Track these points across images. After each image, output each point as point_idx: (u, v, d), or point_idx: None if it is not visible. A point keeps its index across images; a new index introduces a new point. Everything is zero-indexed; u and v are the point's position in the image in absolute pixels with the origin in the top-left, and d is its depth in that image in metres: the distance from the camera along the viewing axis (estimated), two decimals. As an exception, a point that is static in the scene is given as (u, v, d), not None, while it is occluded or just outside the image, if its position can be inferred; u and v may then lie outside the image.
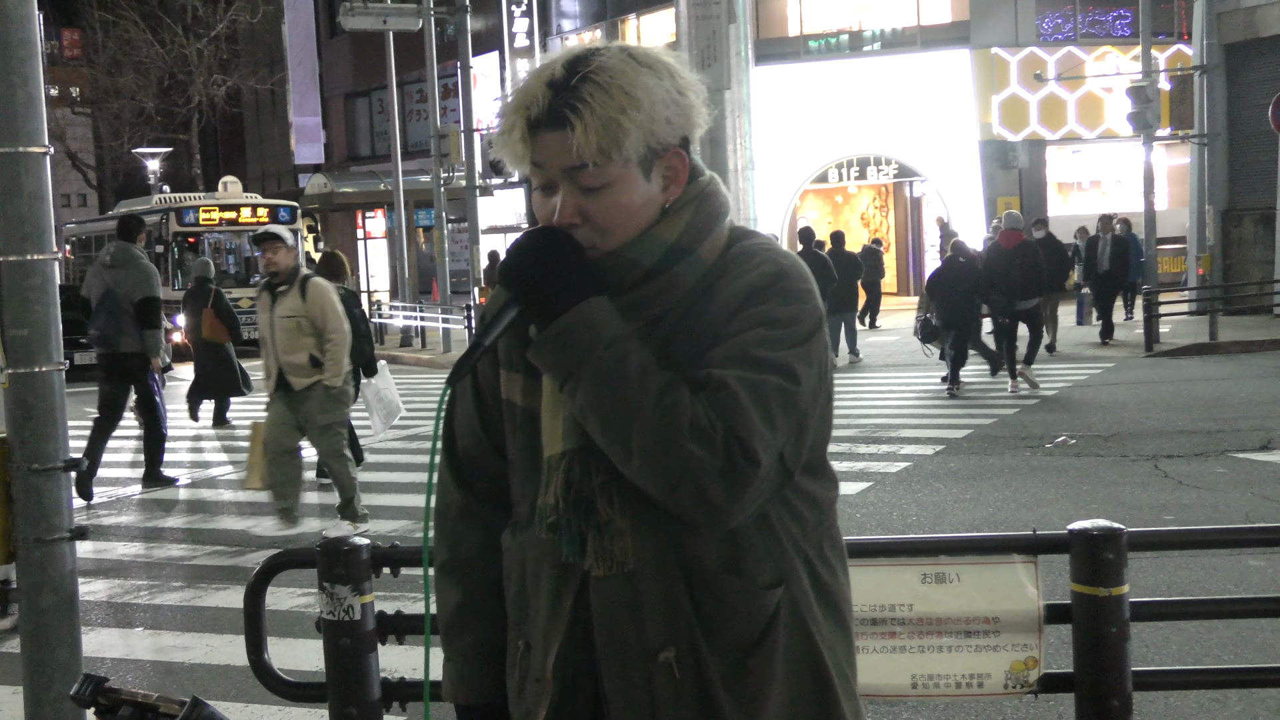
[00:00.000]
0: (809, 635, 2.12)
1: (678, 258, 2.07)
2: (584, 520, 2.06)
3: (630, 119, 1.98)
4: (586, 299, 1.99)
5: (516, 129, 2.04)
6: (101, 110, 49.57)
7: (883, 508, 9.55)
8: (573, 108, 1.98)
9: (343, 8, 26.61)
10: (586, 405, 1.97)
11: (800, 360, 2.01)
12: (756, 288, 2.05)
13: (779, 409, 1.96)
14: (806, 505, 2.15)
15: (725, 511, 1.95)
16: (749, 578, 2.07)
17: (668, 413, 1.92)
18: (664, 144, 2.04)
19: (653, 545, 2.05)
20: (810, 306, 2.06)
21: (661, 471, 1.93)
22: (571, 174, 2.02)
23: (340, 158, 46.21)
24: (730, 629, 2.06)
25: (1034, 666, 3.54)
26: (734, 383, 1.94)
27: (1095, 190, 33.00)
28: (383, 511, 10.12)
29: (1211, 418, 13.11)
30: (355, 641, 3.63)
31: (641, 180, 2.05)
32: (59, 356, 3.67)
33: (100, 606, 7.67)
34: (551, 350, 1.99)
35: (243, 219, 28.52)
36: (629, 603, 2.06)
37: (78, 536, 3.70)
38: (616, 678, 2.09)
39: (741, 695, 2.06)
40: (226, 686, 6.16)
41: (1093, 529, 3.47)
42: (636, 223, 2.06)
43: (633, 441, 1.93)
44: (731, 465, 1.91)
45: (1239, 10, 26.11)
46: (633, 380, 1.94)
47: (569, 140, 1.98)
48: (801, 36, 31.75)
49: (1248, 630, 6.21)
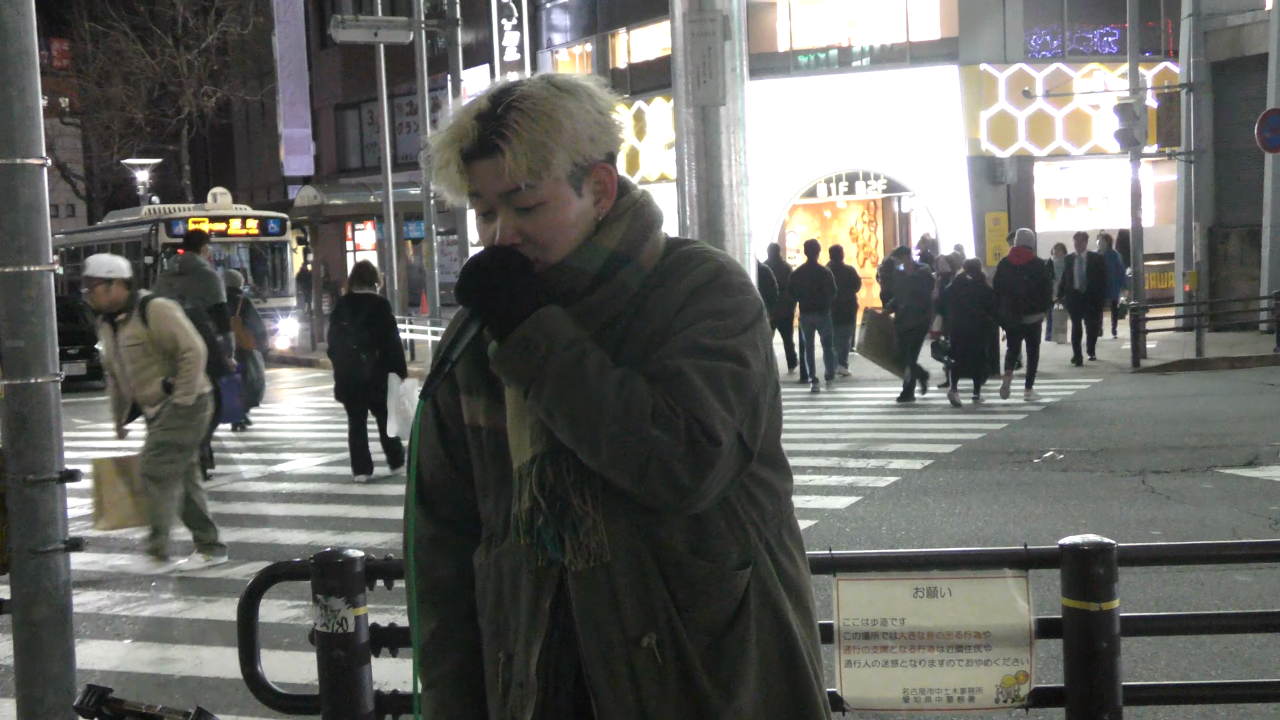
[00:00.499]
0: (779, 615, 2.22)
1: (620, 264, 2.19)
2: (560, 519, 2.14)
3: (555, 140, 2.10)
4: (540, 308, 2.10)
5: (452, 163, 2.17)
6: (91, 121, 49.47)
7: (871, 522, 9.56)
8: (501, 135, 2.10)
9: (334, 20, 26.61)
10: (552, 406, 2.06)
11: (746, 346, 2.13)
12: (698, 285, 2.17)
13: (732, 390, 2.07)
14: (764, 494, 2.25)
15: (693, 492, 2.05)
16: (718, 560, 2.17)
17: (629, 402, 2.02)
18: (590, 160, 2.17)
19: (625, 535, 2.14)
20: (750, 298, 2.19)
21: (630, 459, 2.02)
22: (507, 197, 2.14)
23: (330, 170, 46.19)
24: (704, 611, 2.15)
25: (1025, 681, 3.55)
26: (688, 369, 2.06)
27: (1083, 206, 33.11)
28: (375, 524, 10.12)
29: (1198, 433, 13.16)
30: (349, 654, 3.64)
31: (573, 196, 2.17)
32: (55, 368, 3.67)
33: (89, 618, 7.65)
34: (513, 358, 2.09)
35: (232, 230, 28.49)
36: (608, 593, 2.15)
37: (72, 548, 3.70)
38: (600, 668, 2.16)
39: (719, 675, 2.15)
40: (217, 699, 6.16)
41: (1084, 544, 3.49)
42: (573, 236, 2.17)
43: (600, 434, 2.02)
44: (695, 446, 2.01)
45: (1225, 29, 26.25)
46: (593, 377, 2.04)
47: (501, 165, 2.11)
48: (791, 52, 31.84)
49: (1235, 645, 6.24)
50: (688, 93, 3.91)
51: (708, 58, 3.93)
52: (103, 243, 31.93)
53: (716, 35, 3.87)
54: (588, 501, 2.13)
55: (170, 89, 43.95)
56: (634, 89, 33.75)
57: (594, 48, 35.80)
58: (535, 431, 2.15)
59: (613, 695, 2.15)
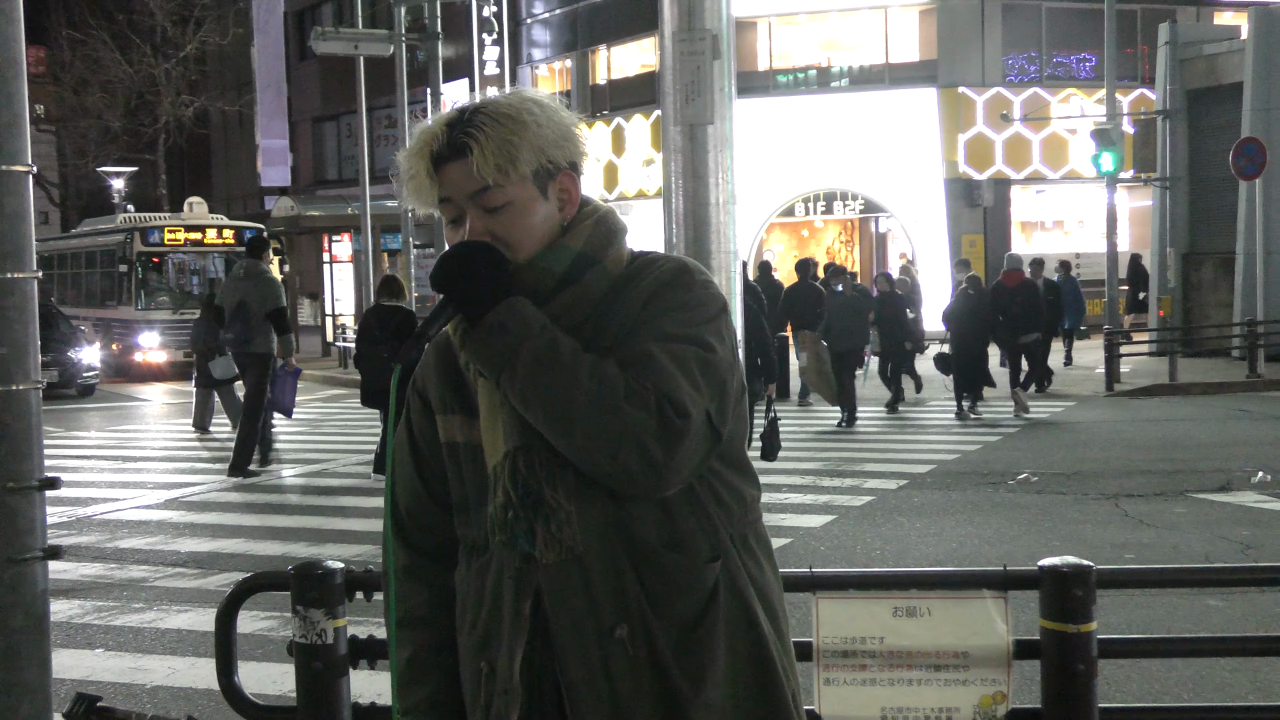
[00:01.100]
0: (747, 611, 2.25)
1: (586, 266, 2.25)
2: (533, 511, 2.18)
3: (521, 138, 2.20)
4: (512, 296, 2.16)
5: (421, 169, 2.24)
6: (67, 128, 49.27)
7: (846, 541, 9.58)
8: (469, 134, 2.20)
9: (314, 32, 26.58)
10: (526, 389, 2.10)
11: (711, 334, 2.19)
12: (663, 282, 2.24)
13: (699, 372, 2.13)
14: (731, 496, 2.28)
15: (666, 469, 2.09)
16: (690, 554, 2.21)
17: (602, 383, 2.07)
18: (555, 163, 2.25)
19: (597, 528, 2.18)
20: (713, 293, 2.26)
21: (604, 438, 2.06)
22: (476, 197, 2.21)
23: (307, 181, 46.09)
24: (675, 603, 2.19)
25: (1002, 701, 3.57)
26: (655, 351, 2.12)
27: (1058, 230, 33.31)
28: (351, 536, 10.09)
29: (1171, 458, 13.23)
30: (327, 666, 3.63)
31: (539, 199, 2.24)
32: (37, 375, 3.66)
33: (60, 627, 7.59)
34: (487, 342, 2.14)
35: (208, 240, 28.39)
36: (581, 585, 2.18)
37: (50, 556, 3.68)
38: (575, 660, 2.18)
39: (689, 668, 2.18)
40: (190, 709, 6.12)
41: (1063, 566, 3.51)
42: (538, 237, 2.24)
43: (573, 414, 2.07)
44: (666, 422, 2.07)
45: (1201, 57, 26.46)
46: (566, 360, 2.10)
47: (469, 166, 2.19)
48: (771, 71, 31.97)
49: (1207, 669, 6.27)
50: (676, 111, 3.92)
51: (696, 76, 3.96)
52: (77, 250, 31.80)
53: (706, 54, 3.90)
54: (560, 493, 2.17)
55: (148, 98, 43.83)
56: (613, 105, 33.83)
57: (574, 64, 35.87)
58: (508, 428, 2.19)
59: (587, 687, 2.17)
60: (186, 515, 11.39)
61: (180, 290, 28.30)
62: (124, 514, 11.53)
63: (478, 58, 36.82)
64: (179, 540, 10.27)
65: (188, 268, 28.61)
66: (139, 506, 11.90)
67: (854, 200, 31.90)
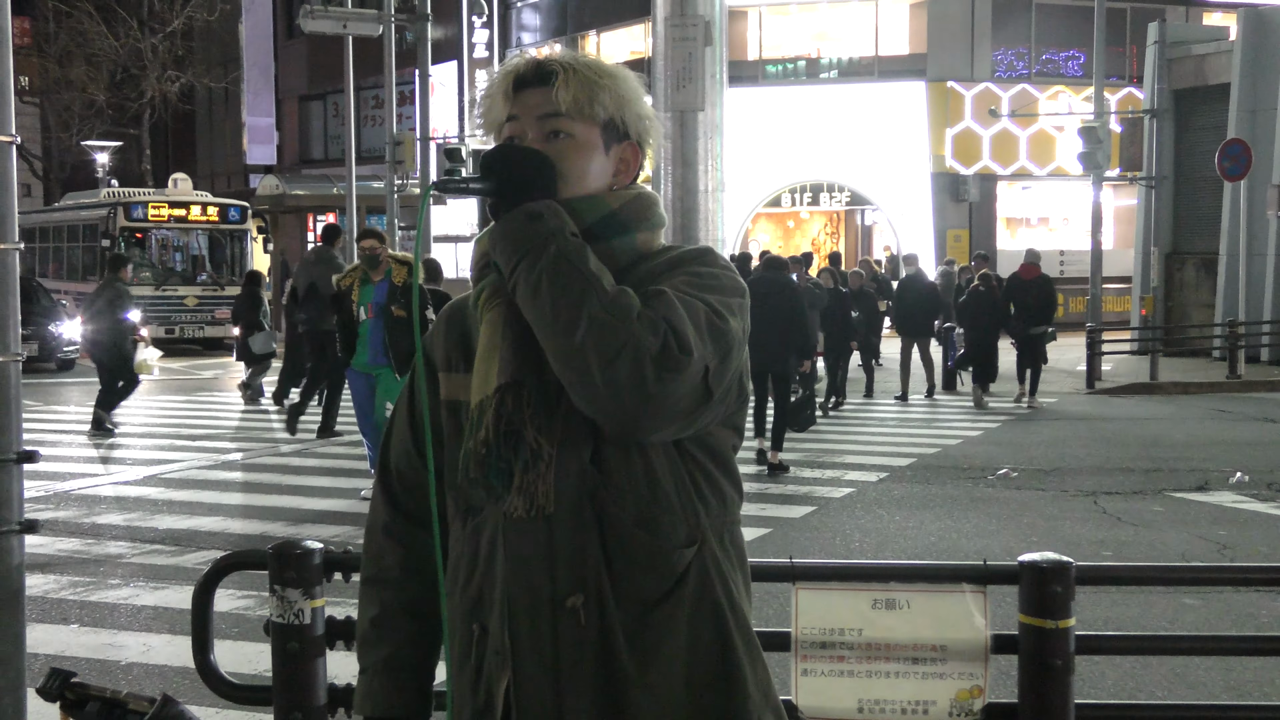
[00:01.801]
0: (715, 602, 2.22)
1: (615, 230, 2.24)
2: (513, 451, 2.15)
3: (604, 87, 2.24)
4: (553, 202, 2.17)
5: (499, 88, 2.29)
6: (51, 100, 48.97)
7: (826, 532, 9.59)
8: (559, 66, 2.25)
9: (302, 10, 26.41)
10: (544, 279, 2.06)
11: (724, 306, 2.17)
12: (684, 257, 2.27)
13: (706, 328, 2.11)
14: (712, 491, 2.26)
15: (653, 396, 2.03)
16: (660, 536, 2.18)
17: (619, 296, 2.06)
18: (626, 125, 2.28)
19: (572, 493, 2.15)
20: (735, 278, 2.25)
21: (606, 342, 2.01)
22: (543, 120, 2.24)
23: (292, 160, 45.91)
24: (637, 583, 2.16)
25: (979, 696, 3.57)
26: (669, 292, 2.11)
27: (1043, 227, 33.38)
28: (333, 516, 10.07)
29: (1150, 457, 13.28)
30: (304, 646, 3.61)
31: (600, 149, 2.27)
32: (17, 348, 3.63)
33: (35, 602, 7.55)
34: (519, 226, 2.12)
35: (192, 216, 28.28)
36: (545, 547, 2.16)
37: (27, 530, 3.66)
38: (523, 622, 2.16)
39: (641, 647, 2.15)
40: (164, 685, 6.10)
41: (1042, 561, 3.51)
42: (585, 181, 2.25)
43: (583, 311, 2.03)
44: (667, 350, 2.03)
45: (1189, 57, 26.52)
46: (591, 266, 2.08)
47: (548, 92, 2.23)
48: (760, 61, 31.95)
49: (1182, 667, 6.29)
50: (666, 97, 3.91)
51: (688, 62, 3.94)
52: (60, 224, 31.64)
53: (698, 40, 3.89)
54: (543, 436, 2.14)
55: (133, 72, 43.59)
56: (602, 92, 33.69)
57: (563, 49, 35.75)
58: (504, 363, 2.16)
59: (532, 651, 2.16)
60: (165, 492, 11.34)
61: (163, 266, 28.17)
62: (102, 489, 11.49)
63: (466, 40, 36.75)
64: (157, 517, 10.23)
65: (171, 244, 28.50)
66: (117, 482, 11.85)
67: (840, 192, 31.92)
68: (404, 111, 33.56)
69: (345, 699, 3.74)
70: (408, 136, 26.28)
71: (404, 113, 33.49)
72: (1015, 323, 18.12)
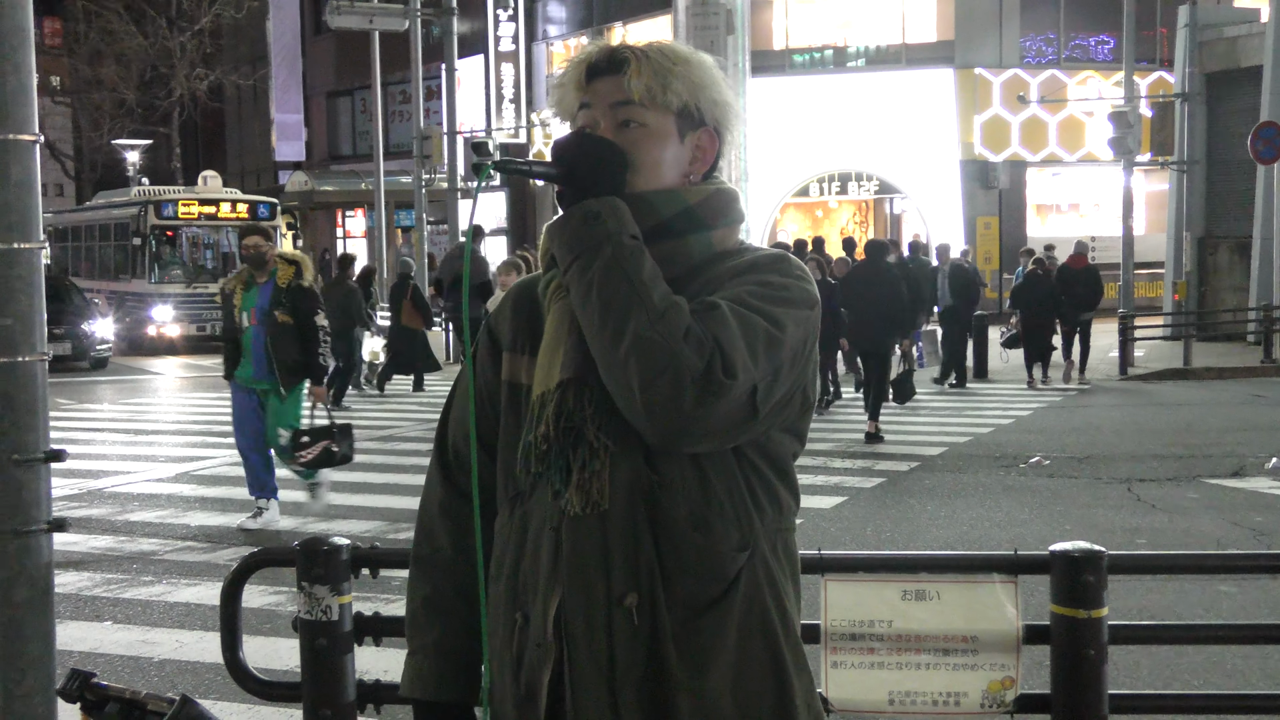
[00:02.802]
0: (764, 609, 2.19)
1: (691, 226, 2.22)
2: (573, 447, 2.13)
3: (677, 75, 2.22)
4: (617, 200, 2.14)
5: (572, 76, 2.26)
6: (81, 100, 49.27)
7: (856, 523, 9.55)
8: (633, 54, 2.23)
9: (329, 6, 26.53)
10: (596, 283, 2.05)
11: (788, 317, 2.13)
12: (758, 263, 2.21)
13: (761, 346, 2.07)
14: (768, 498, 2.23)
15: (689, 419, 2.02)
16: (714, 539, 2.15)
17: (669, 310, 2.03)
18: (701, 112, 2.25)
19: (626, 488, 2.13)
20: (807, 288, 2.20)
21: (650, 359, 2.00)
22: (616, 108, 2.21)
23: (321, 156, 46.08)
24: (687, 585, 2.13)
25: (1011, 687, 3.53)
26: (725, 307, 2.07)
27: (1074, 213, 33.19)
28: (359, 512, 10.09)
29: (1184, 443, 13.18)
30: (332, 642, 3.60)
31: (674, 137, 2.24)
32: (43, 347, 3.63)
33: (69, 600, 7.61)
34: (576, 225, 2.10)
35: (222, 214, 28.38)
36: (600, 544, 2.13)
37: (56, 528, 3.66)
38: (580, 620, 2.14)
39: (689, 651, 2.13)
40: (195, 683, 6.12)
41: (1074, 550, 3.47)
42: (659, 172, 2.22)
43: (630, 323, 2.02)
44: (710, 374, 2.01)
45: (1220, 40, 26.30)
46: (645, 274, 2.06)
47: (622, 81, 2.20)
48: (787, 50, 31.85)
49: (1219, 655, 6.23)
50: (688, 87, 3.89)
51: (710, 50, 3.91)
52: (91, 223, 31.83)
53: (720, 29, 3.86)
54: (603, 434, 2.12)
55: (162, 71, 43.81)
56: (629, 83, 33.61)
57: (589, 41, 35.68)
58: (568, 358, 2.15)
59: (587, 650, 2.13)
60: (197, 489, 11.40)
61: (194, 264, 28.30)
62: (134, 487, 11.55)
63: (493, 33, 36.77)
64: (189, 514, 10.28)
65: (201, 241, 28.61)
66: (150, 480, 11.91)
67: (869, 181, 31.80)
68: (431, 106, 33.62)
69: (374, 695, 3.73)
70: (435, 131, 26.35)
71: (431, 107, 33.56)
72: (1065, 308, 18.99)
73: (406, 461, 12.61)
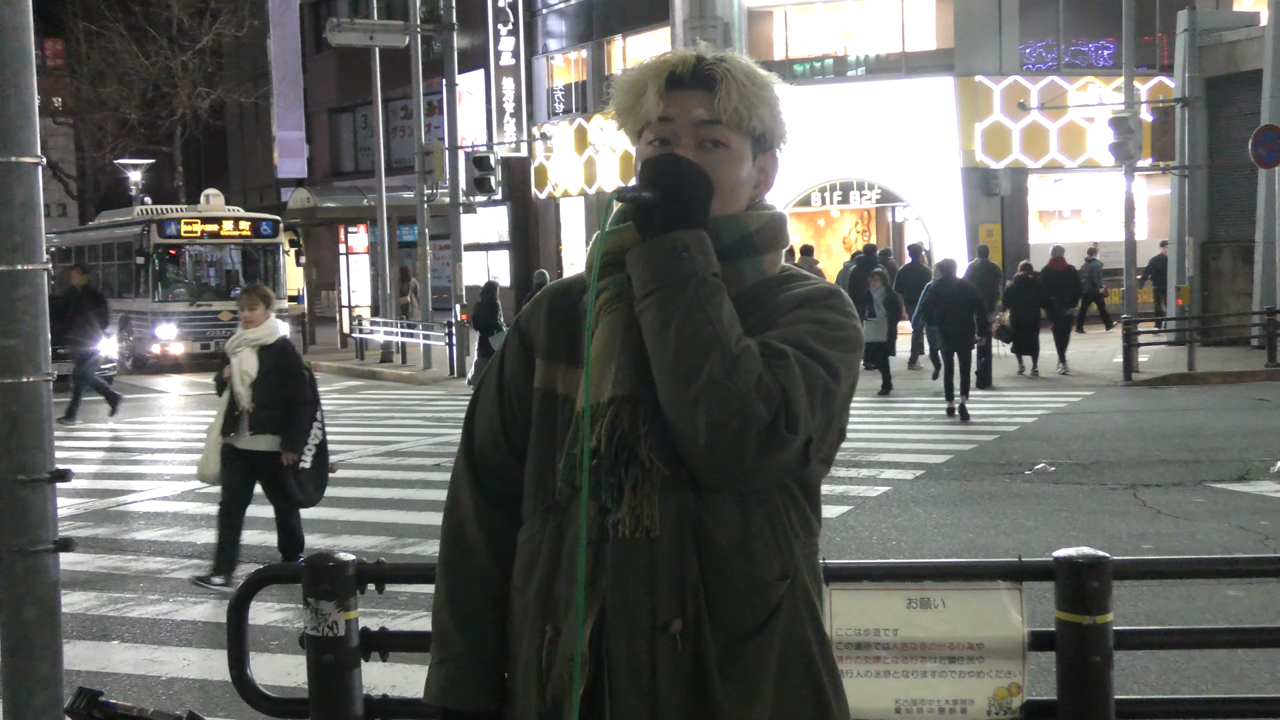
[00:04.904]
0: (804, 637, 2.19)
1: (747, 253, 2.23)
2: (625, 467, 2.12)
3: (762, 100, 2.23)
4: (704, 231, 2.13)
5: (653, 85, 2.21)
6: (84, 120, 49.41)
7: (862, 531, 9.56)
8: (722, 72, 2.21)
9: (330, 23, 26.59)
10: (674, 320, 2.05)
11: (843, 364, 2.15)
12: (812, 297, 2.22)
13: (819, 398, 2.09)
14: (801, 524, 2.23)
15: (749, 467, 2.04)
16: (758, 565, 2.14)
17: (743, 357, 2.03)
18: (772, 138, 2.29)
19: (673, 515, 2.12)
20: (857, 327, 2.23)
21: (719, 405, 2.00)
22: (699, 127, 2.20)
23: (323, 172, 46.14)
24: (733, 612, 2.12)
25: (1017, 694, 3.54)
26: (791, 355, 2.07)
27: (1076, 219, 33.15)
28: (364, 528, 10.09)
29: (1189, 448, 13.17)
30: (339, 658, 3.62)
31: (749, 160, 2.26)
32: (47, 367, 3.65)
33: (76, 619, 7.62)
34: (662, 257, 2.09)
35: (225, 232, 28.42)
36: (646, 569, 2.11)
37: (62, 548, 3.67)
38: (623, 645, 2.11)
39: (734, 680, 2.11)
40: (204, 701, 6.13)
41: (1078, 557, 3.48)
42: (733, 194, 2.23)
43: (705, 367, 2.01)
44: (775, 427, 2.02)
45: (1220, 44, 26.30)
46: (724, 316, 2.06)
47: (708, 99, 2.19)
48: (787, 60, 31.86)
49: (1225, 660, 6.23)
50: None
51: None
52: (94, 243, 31.89)
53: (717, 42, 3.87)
54: (656, 454, 2.10)
55: (164, 90, 43.92)
56: (629, 96, 33.62)
57: (590, 54, 35.81)
58: (620, 374, 2.13)
59: (629, 676, 2.11)
60: (203, 507, 11.39)
61: (198, 282, 28.33)
62: (140, 506, 11.56)
63: (493, 48, 36.83)
64: (195, 532, 10.29)
65: (205, 260, 28.65)
66: (155, 498, 11.93)
67: (871, 190, 31.80)
68: (432, 121, 33.66)
69: (381, 710, 3.74)
70: (437, 146, 26.38)
71: (432, 123, 33.60)
72: (1053, 306, 20.98)
73: (412, 476, 12.61)
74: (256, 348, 8.45)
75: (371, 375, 25.69)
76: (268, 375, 8.38)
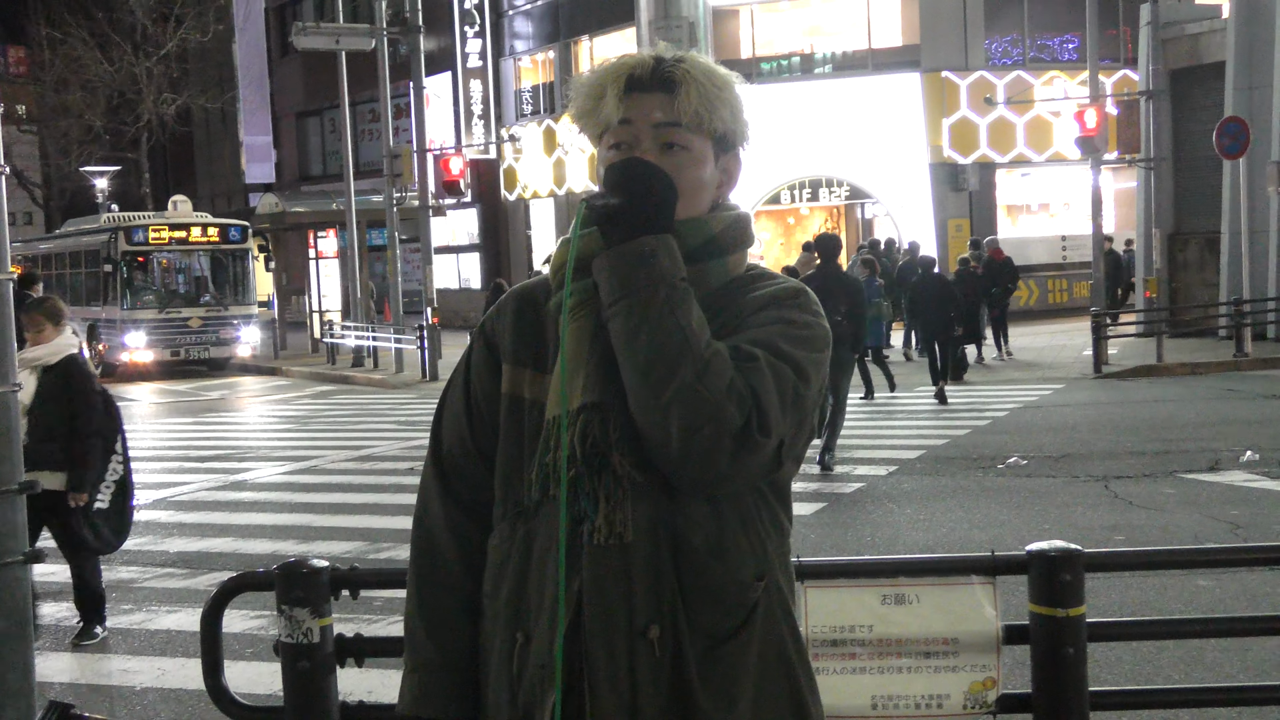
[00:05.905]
0: (781, 637, 2.20)
1: (712, 254, 2.22)
2: (597, 475, 2.11)
3: (722, 100, 2.21)
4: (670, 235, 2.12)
5: (612, 89, 2.20)
6: (48, 128, 49.02)
7: (837, 529, 9.58)
8: (681, 74, 2.20)
9: (295, 27, 26.49)
10: (644, 327, 2.04)
11: (811, 365, 2.14)
12: (779, 297, 2.21)
13: (790, 400, 2.09)
14: (773, 526, 2.23)
15: (723, 475, 2.05)
16: (733, 567, 2.14)
17: (714, 362, 2.03)
18: (734, 138, 2.27)
19: (647, 521, 2.11)
20: (824, 326, 2.22)
21: (693, 411, 2.00)
22: (660, 130, 2.19)
23: (291, 177, 45.96)
24: (710, 614, 2.12)
25: (992, 687, 3.56)
26: (762, 359, 2.07)
27: (1044, 213, 33.32)
28: (337, 533, 10.06)
29: (1159, 439, 13.25)
30: (314, 665, 3.61)
31: (711, 162, 2.25)
32: (14, 378, 3.63)
33: (49, 630, 7.56)
34: (629, 263, 2.08)
35: (193, 238, 28.25)
36: (622, 576, 2.11)
37: (32, 560, 3.66)
38: (601, 652, 2.11)
39: (714, 683, 2.11)
40: (179, 710, 6.10)
41: (1051, 550, 3.50)
42: (696, 200, 2.22)
43: (676, 374, 2.01)
44: (748, 431, 2.02)
45: (1183, 37, 26.45)
46: (694, 321, 2.05)
47: (668, 102, 2.18)
48: (754, 59, 31.91)
49: (1198, 649, 6.27)
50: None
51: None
52: (61, 251, 31.67)
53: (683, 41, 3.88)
54: (629, 461, 2.10)
55: (129, 96, 43.64)
56: (597, 96, 33.62)
57: (557, 55, 35.79)
58: (590, 381, 2.12)
59: (609, 682, 2.11)
60: (175, 515, 11.35)
61: (166, 289, 28.17)
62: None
63: (460, 50, 36.78)
64: (168, 540, 10.23)
65: (173, 266, 28.47)
66: (127, 507, 11.83)
67: (840, 187, 31.88)
68: (400, 124, 33.57)
69: (357, 716, 3.73)
70: (405, 149, 26.31)
71: (400, 125, 33.51)
72: (994, 296, 22.36)
73: (385, 481, 12.58)
74: (38, 369, 7.16)
75: (343, 380, 25.61)
76: (47, 402, 7.12)
